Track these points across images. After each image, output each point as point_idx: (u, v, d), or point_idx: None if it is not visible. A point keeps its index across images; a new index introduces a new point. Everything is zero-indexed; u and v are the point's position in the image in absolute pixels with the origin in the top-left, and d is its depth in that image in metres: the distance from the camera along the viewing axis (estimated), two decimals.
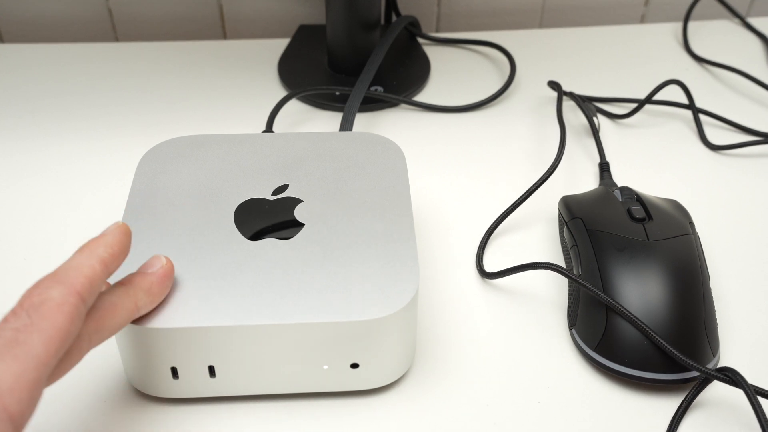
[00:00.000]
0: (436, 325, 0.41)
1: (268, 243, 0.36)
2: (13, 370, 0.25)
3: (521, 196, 0.47)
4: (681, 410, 0.36)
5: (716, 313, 0.41)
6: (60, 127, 0.55)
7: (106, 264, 0.30)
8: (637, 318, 0.37)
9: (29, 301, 0.27)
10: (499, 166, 0.53)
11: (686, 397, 0.36)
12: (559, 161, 0.48)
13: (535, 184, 0.47)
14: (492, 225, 0.46)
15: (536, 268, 0.40)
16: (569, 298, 0.42)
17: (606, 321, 0.38)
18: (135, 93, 0.59)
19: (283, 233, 0.37)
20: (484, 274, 0.43)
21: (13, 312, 0.27)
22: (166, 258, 0.34)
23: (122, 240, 0.31)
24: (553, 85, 0.58)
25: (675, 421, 0.36)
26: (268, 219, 0.38)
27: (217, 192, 0.39)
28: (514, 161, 0.53)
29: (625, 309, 0.37)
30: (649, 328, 0.36)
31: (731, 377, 0.35)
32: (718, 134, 0.56)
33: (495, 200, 0.49)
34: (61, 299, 0.27)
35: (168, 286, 0.33)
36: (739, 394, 0.37)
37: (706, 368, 0.35)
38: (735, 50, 0.66)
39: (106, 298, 0.30)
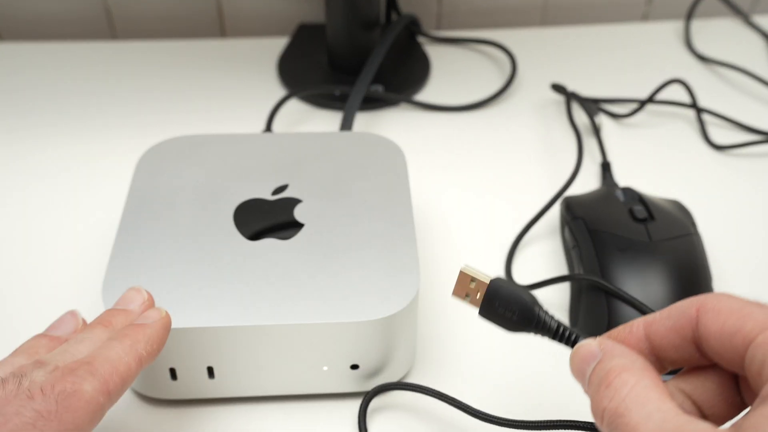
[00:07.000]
0: (436, 326, 0.41)
1: (268, 243, 0.36)
2: None
3: (544, 207, 0.46)
4: None
5: None
6: (58, 126, 0.55)
7: (141, 362, 0.29)
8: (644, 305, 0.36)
9: (61, 386, 0.26)
10: (500, 165, 0.52)
11: None
12: (579, 170, 0.48)
13: (558, 193, 0.46)
14: (517, 236, 0.45)
15: (568, 280, 0.40)
16: (570, 299, 0.41)
17: (607, 322, 0.37)
18: (133, 92, 0.58)
19: (282, 233, 0.37)
20: None
21: (42, 390, 0.26)
22: (165, 311, 0.32)
23: (163, 337, 0.31)
24: (558, 88, 0.57)
25: None
26: (268, 219, 0.38)
27: (216, 192, 0.39)
28: (515, 160, 0.53)
29: (634, 297, 0.37)
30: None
31: None
32: (721, 133, 0.56)
33: (496, 200, 0.49)
34: (91, 396, 0.27)
35: (166, 337, 0.31)
36: None
37: None
38: (738, 48, 0.66)
39: (108, 355, 0.28)
